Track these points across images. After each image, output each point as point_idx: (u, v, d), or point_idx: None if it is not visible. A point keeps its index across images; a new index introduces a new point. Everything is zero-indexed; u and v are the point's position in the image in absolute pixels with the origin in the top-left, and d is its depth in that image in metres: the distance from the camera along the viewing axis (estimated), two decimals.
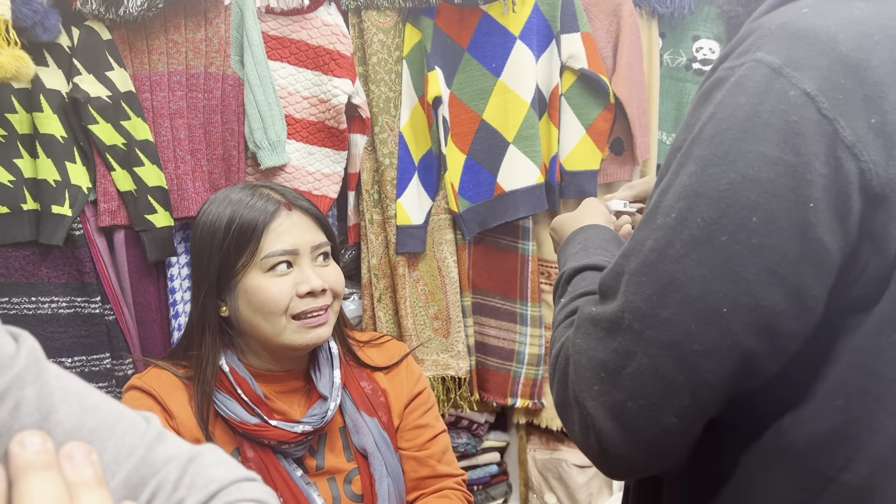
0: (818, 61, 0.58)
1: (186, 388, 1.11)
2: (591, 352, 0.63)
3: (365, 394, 1.18)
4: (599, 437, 0.62)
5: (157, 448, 0.52)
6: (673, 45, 1.93)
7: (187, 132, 1.60)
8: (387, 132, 1.78)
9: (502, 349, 1.95)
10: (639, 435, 0.61)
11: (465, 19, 1.78)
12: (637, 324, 0.60)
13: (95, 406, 0.50)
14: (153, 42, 1.58)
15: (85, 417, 0.48)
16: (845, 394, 0.62)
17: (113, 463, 0.49)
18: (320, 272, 1.10)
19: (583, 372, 0.63)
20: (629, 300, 0.61)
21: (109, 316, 1.58)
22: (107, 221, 1.55)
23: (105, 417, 0.50)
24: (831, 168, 0.57)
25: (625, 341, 0.60)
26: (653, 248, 0.60)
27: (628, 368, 0.60)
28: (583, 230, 0.92)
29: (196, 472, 0.53)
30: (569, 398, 0.65)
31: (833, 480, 0.63)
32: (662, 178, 0.64)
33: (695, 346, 0.58)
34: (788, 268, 0.57)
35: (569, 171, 1.86)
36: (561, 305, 0.78)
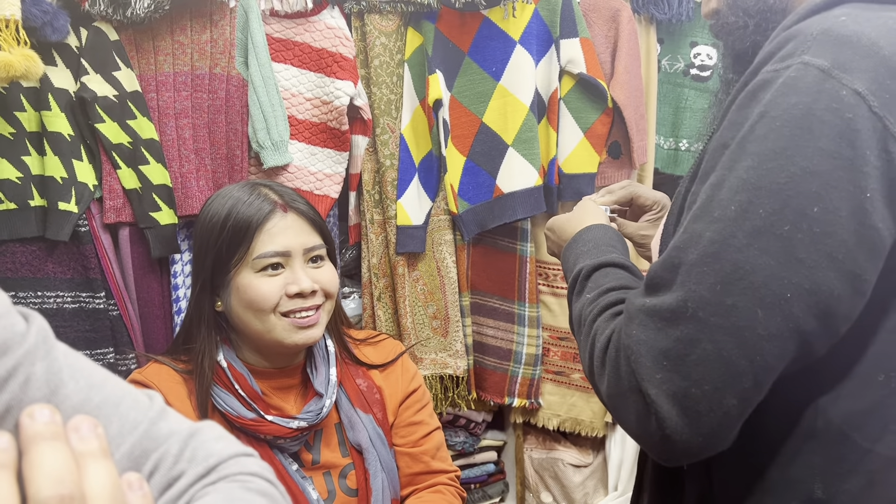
0: (864, 64, 0.63)
1: (186, 383, 1.13)
2: (651, 342, 0.65)
3: (360, 391, 1.20)
4: (662, 423, 0.64)
5: (159, 423, 0.54)
6: (671, 50, 1.95)
7: (192, 132, 1.63)
8: (388, 134, 1.80)
9: (500, 349, 1.97)
10: (701, 419, 0.63)
11: (466, 24, 1.81)
12: (701, 312, 0.63)
13: (101, 382, 0.52)
14: (159, 43, 1.60)
15: (91, 393, 0.51)
16: (885, 369, 0.67)
17: (117, 436, 0.52)
18: (312, 273, 1.11)
19: (643, 361, 0.66)
20: (691, 290, 0.64)
21: (113, 311, 1.60)
22: (112, 218, 1.58)
23: (110, 393, 0.52)
24: (883, 161, 0.62)
25: (688, 329, 0.63)
26: (713, 239, 0.64)
27: (692, 355, 0.63)
28: (588, 229, 0.94)
29: (196, 446, 0.55)
30: (623, 388, 0.68)
31: (869, 452, 0.68)
32: (707, 174, 0.68)
33: (759, 330, 0.62)
34: (847, 254, 0.62)
35: (567, 173, 1.88)
36: (587, 301, 0.80)
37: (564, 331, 2.01)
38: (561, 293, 2.00)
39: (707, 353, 0.63)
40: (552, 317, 2.01)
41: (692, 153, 1.97)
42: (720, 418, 0.64)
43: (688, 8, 1.86)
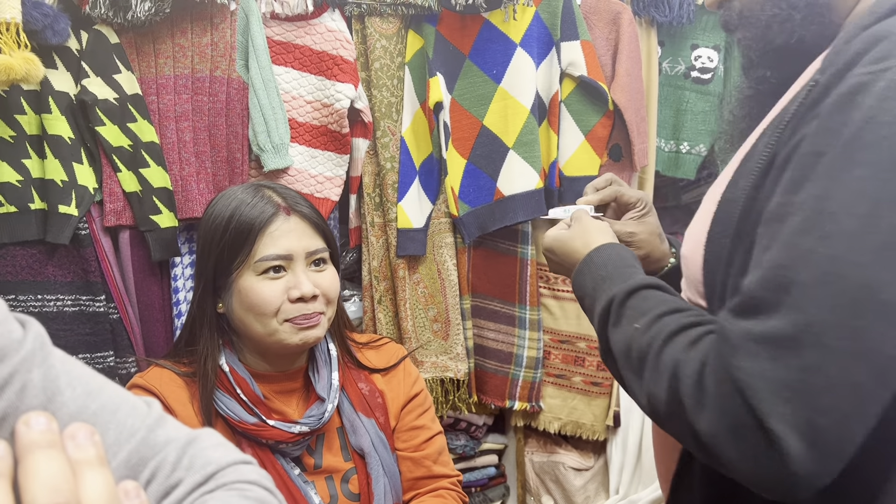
0: None
1: (188, 387, 1.13)
2: (769, 373, 0.60)
3: (363, 395, 1.19)
4: (786, 459, 0.60)
5: (157, 430, 0.54)
6: (672, 53, 1.95)
7: (192, 135, 1.62)
8: (388, 136, 1.80)
9: (501, 352, 1.97)
10: (829, 450, 0.59)
11: (467, 26, 1.81)
12: (826, 337, 0.58)
13: (99, 389, 0.52)
14: (160, 46, 1.60)
15: (88, 400, 0.50)
16: None
17: (114, 444, 0.51)
18: (314, 278, 1.11)
19: (763, 396, 0.60)
20: (812, 313, 0.59)
21: (114, 314, 1.60)
22: (112, 221, 1.58)
23: (108, 400, 0.52)
24: None
25: (812, 357, 0.59)
26: (832, 256, 0.59)
27: (818, 384, 0.59)
28: (599, 250, 0.88)
29: (194, 453, 0.55)
30: (735, 425, 0.62)
31: None
32: (797, 184, 0.63)
33: (890, 350, 0.58)
34: None
35: (568, 176, 1.88)
36: (638, 331, 0.74)
37: (565, 334, 2.01)
38: (562, 296, 1.99)
39: (835, 380, 0.58)
40: (553, 320, 2.00)
41: (693, 156, 1.97)
42: (847, 447, 0.60)
43: (689, 10, 1.86)
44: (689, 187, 2.18)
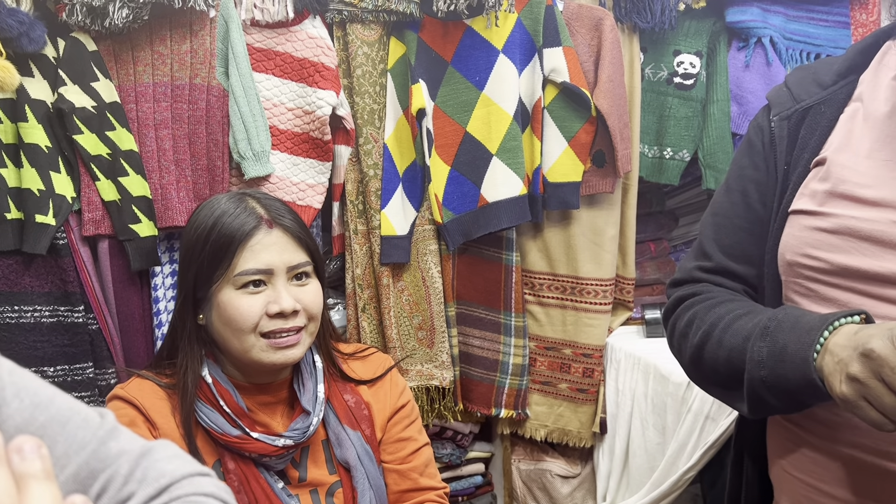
0: None
1: (169, 398, 1.11)
2: None
3: (348, 407, 1.18)
4: None
5: (109, 443, 0.53)
6: (654, 59, 1.95)
7: (172, 143, 1.60)
8: (371, 143, 1.79)
9: (486, 359, 1.96)
10: None
11: (449, 33, 1.80)
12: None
13: (48, 401, 0.50)
14: (139, 53, 1.58)
15: (36, 412, 0.49)
16: None
17: (63, 457, 0.50)
18: (295, 292, 1.08)
19: None
20: None
21: (93, 325, 1.58)
22: (91, 231, 1.56)
23: (57, 412, 0.50)
24: None
25: None
26: None
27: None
28: None
29: (148, 466, 0.53)
30: None
31: None
32: None
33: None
34: None
35: (551, 182, 1.88)
36: None
37: (551, 340, 2.00)
38: (547, 302, 1.99)
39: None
40: (538, 326, 2.00)
41: (677, 161, 1.97)
42: None
43: (671, 16, 1.87)
44: (673, 193, 2.18)
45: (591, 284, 1.95)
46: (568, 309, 1.97)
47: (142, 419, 1.08)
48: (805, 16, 1.99)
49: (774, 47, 1.94)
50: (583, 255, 1.94)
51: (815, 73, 0.90)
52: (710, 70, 1.95)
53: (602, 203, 1.94)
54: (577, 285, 1.95)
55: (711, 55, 1.95)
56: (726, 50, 1.96)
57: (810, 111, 0.87)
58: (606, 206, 1.95)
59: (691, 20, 1.93)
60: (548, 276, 1.97)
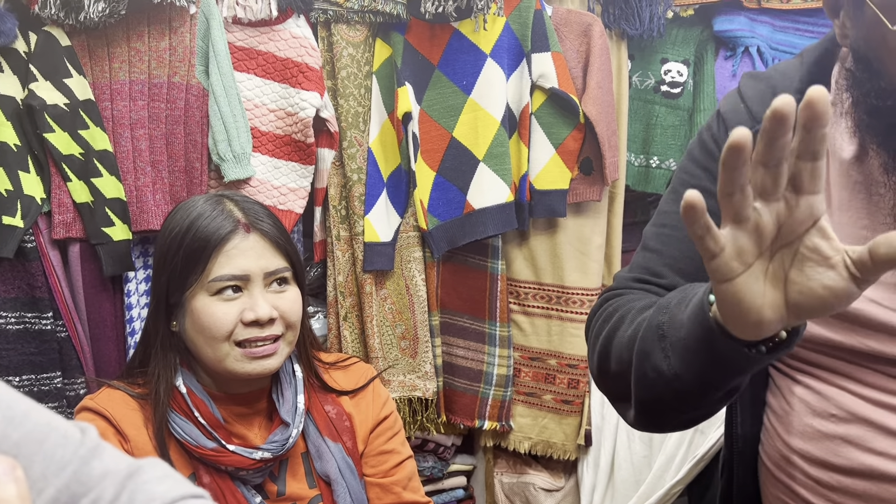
0: None
1: (142, 409, 1.06)
2: None
3: (329, 418, 1.13)
4: None
5: (91, 462, 0.48)
6: (642, 67, 1.94)
7: (148, 143, 1.55)
8: (355, 147, 1.75)
9: (470, 370, 1.92)
10: None
11: (436, 36, 1.77)
12: None
13: (23, 416, 0.45)
14: (114, 49, 1.53)
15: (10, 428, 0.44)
16: None
17: (41, 479, 0.45)
18: (273, 299, 1.04)
19: None
20: None
21: (62, 333, 1.51)
22: (61, 234, 1.50)
23: (33, 428, 0.45)
24: None
25: None
26: None
27: None
28: None
29: (135, 488, 0.48)
30: None
31: None
32: None
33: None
34: None
35: (538, 189, 1.85)
36: None
37: (536, 350, 1.97)
38: (532, 312, 1.96)
39: None
40: (523, 336, 1.97)
41: (663, 170, 1.96)
42: None
43: (659, 24, 1.86)
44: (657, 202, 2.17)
45: (577, 294, 1.92)
46: (553, 318, 1.94)
47: (112, 431, 1.04)
48: (791, 26, 1.99)
49: (761, 57, 1.93)
50: (569, 264, 1.91)
51: (773, 87, 0.82)
52: (698, 79, 1.95)
53: (588, 211, 1.92)
54: (563, 294, 1.92)
55: (699, 64, 1.95)
56: (714, 59, 1.95)
57: None
58: (593, 214, 1.92)
59: (679, 28, 1.92)
60: (533, 285, 1.94)
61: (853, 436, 0.75)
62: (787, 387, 0.82)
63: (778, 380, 0.83)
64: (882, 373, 0.74)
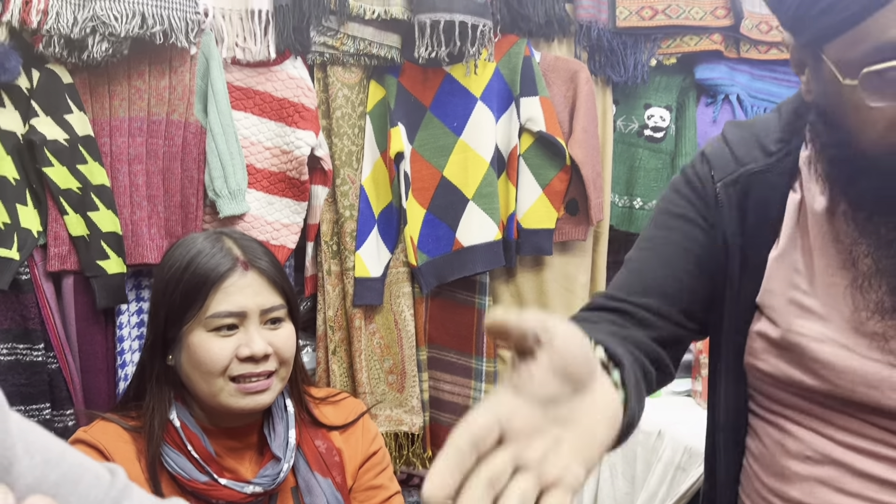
0: None
1: (135, 442, 1.07)
2: None
3: (319, 453, 1.15)
4: None
5: (122, 503, 0.50)
6: (626, 111, 2.01)
7: (145, 178, 1.58)
8: (348, 185, 1.79)
9: (457, 405, 1.94)
10: None
11: (429, 79, 1.83)
12: None
13: (59, 457, 0.48)
14: (115, 87, 1.57)
15: (48, 469, 0.46)
16: None
17: None
18: (268, 336, 1.06)
19: None
20: None
21: (52, 364, 1.52)
22: (56, 266, 1.51)
23: (68, 469, 0.48)
24: None
25: None
26: None
27: None
28: None
29: None
30: None
31: None
32: None
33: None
34: None
35: (526, 228, 1.90)
36: None
37: None
38: None
39: None
40: None
41: (646, 211, 2.01)
42: None
43: (643, 71, 1.93)
44: None
45: None
46: None
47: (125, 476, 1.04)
48: (769, 75, 2.07)
49: (741, 104, 2.01)
50: (555, 301, 1.95)
51: (757, 135, 0.85)
52: (680, 124, 2.01)
53: (574, 250, 1.97)
54: None
55: (681, 110, 2.01)
56: (695, 105, 2.02)
57: (756, 178, 0.82)
58: (579, 253, 1.97)
59: (662, 75, 1.99)
60: None
61: (827, 477, 0.78)
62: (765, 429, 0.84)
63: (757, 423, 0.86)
64: (852, 416, 0.76)
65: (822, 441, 0.78)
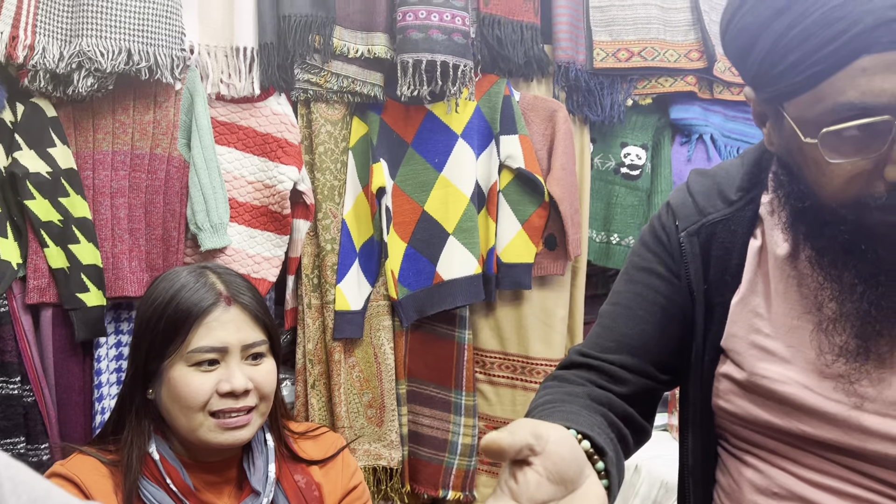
0: None
1: (112, 476, 1.06)
2: None
3: (299, 488, 1.15)
4: None
5: None
6: (603, 150, 2.05)
7: (127, 211, 1.59)
8: (330, 219, 1.81)
9: (435, 439, 1.94)
10: None
11: (411, 116, 1.86)
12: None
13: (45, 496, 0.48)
14: (100, 121, 1.58)
15: None
16: None
17: None
18: (249, 371, 1.06)
19: None
20: None
21: (28, 398, 1.51)
22: (35, 299, 1.51)
23: None
24: None
25: None
26: None
27: None
28: None
29: None
30: None
31: None
32: None
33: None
34: None
35: (505, 263, 1.92)
36: None
37: (500, 420, 2.00)
38: (497, 381, 2.00)
39: None
40: (488, 406, 2.00)
41: (623, 247, 2.05)
42: None
43: (619, 111, 1.98)
44: None
45: (541, 364, 1.97)
46: (518, 388, 1.98)
47: (82, 497, 1.03)
48: (742, 116, 2.13)
49: (714, 144, 2.06)
50: (533, 335, 1.97)
51: (719, 184, 0.88)
52: (655, 162, 2.06)
53: (553, 284, 1.99)
54: (528, 365, 1.97)
55: (656, 148, 2.07)
56: (670, 144, 2.07)
57: (718, 227, 0.85)
58: (557, 287, 1.99)
59: (638, 115, 2.04)
60: (499, 355, 1.99)
61: None
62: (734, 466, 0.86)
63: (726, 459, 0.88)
64: (816, 454, 0.78)
65: (789, 478, 0.80)
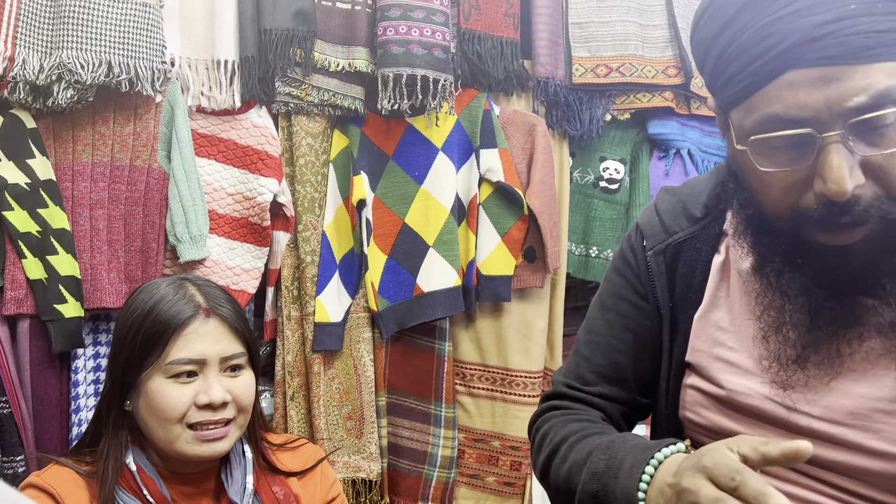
0: None
1: (88, 487, 1.06)
2: None
3: (277, 499, 1.15)
4: None
5: None
6: (582, 164, 2.08)
7: (106, 223, 1.58)
8: (310, 231, 1.81)
9: (415, 451, 1.94)
10: None
11: (391, 129, 1.88)
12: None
13: None
14: (79, 133, 1.58)
15: None
16: None
17: None
18: (227, 383, 1.06)
19: None
20: None
21: (4, 409, 1.49)
22: (12, 310, 1.50)
23: None
24: None
25: None
26: None
27: None
28: None
29: None
30: None
31: None
32: None
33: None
34: None
35: (485, 275, 1.94)
36: None
37: (480, 432, 2.01)
38: (477, 393, 2.00)
39: None
40: (468, 418, 2.00)
41: (602, 260, 2.07)
42: None
43: (598, 126, 2.01)
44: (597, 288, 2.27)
45: (521, 376, 1.98)
46: (497, 400, 1.99)
47: None
48: (718, 131, 2.17)
49: (692, 158, 2.09)
50: (513, 347, 1.98)
51: (684, 203, 0.90)
52: (634, 176, 2.09)
53: (532, 297, 2.01)
54: (507, 377, 1.98)
55: (635, 163, 2.09)
56: (648, 159, 2.10)
57: (684, 245, 0.88)
58: (536, 299, 2.01)
59: (617, 130, 2.07)
60: (479, 367, 2.00)
61: None
62: None
63: None
64: None
65: None
